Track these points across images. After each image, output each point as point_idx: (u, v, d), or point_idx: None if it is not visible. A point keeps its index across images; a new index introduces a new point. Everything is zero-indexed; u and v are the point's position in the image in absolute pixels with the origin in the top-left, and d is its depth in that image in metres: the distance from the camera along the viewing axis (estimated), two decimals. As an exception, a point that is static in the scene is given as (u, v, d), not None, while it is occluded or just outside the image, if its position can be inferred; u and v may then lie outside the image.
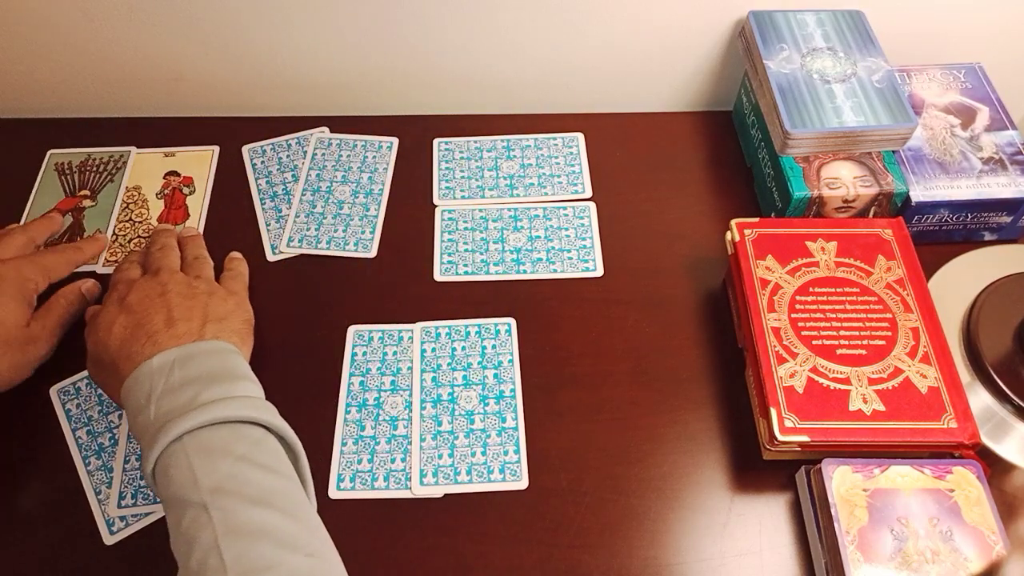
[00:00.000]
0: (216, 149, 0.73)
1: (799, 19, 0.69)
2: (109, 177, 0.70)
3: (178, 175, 0.71)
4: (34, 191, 0.69)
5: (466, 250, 0.66)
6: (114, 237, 0.67)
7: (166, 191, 0.70)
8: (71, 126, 0.75)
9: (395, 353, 0.59)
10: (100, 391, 0.57)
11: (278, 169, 0.71)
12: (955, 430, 0.49)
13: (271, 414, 0.44)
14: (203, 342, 0.48)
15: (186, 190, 0.70)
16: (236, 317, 0.54)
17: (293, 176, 0.71)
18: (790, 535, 0.52)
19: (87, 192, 0.69)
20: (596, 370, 0.59)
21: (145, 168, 0.71)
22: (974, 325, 0.56)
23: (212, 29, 0.70)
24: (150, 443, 0.42)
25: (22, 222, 0.67)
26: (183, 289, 0.52)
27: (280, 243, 0.66)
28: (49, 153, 0.72)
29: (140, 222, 0.68)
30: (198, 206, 0.69)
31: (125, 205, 0.69)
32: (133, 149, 0.72)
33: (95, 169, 0.71)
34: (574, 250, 0.66)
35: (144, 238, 0.67)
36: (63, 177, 0.70)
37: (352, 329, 0.61)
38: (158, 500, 0.52)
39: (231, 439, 0.42)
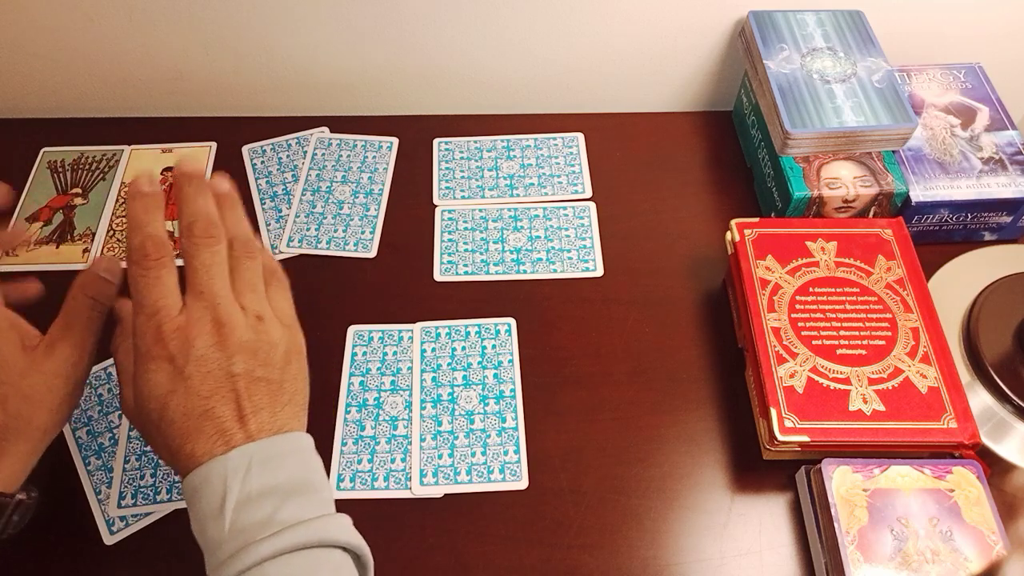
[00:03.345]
0: (213, 145, 0.73)
1: (799, 19, 0.69)
2: (101, 175, 0.70)
3: (176, 171, 0.71)
4: (26, 188, 0.69)
5: (466, 250, 0.66)
6: (110, 232, 0.67)
7: (163, 187, 0.70)
8: (70, 126, 0.75)
9: (395, 353, 0.59)
10: (100, 391, 0.57)
11: (278, 169, 0.71)
12: (955, 430, 0.49)
13: (349, 533, 0.40)
14: (279, 437, 0.41)
15: (185, 188, 0.70)
16: (302, 382, 0.44)
17: (293, 176, 0.71)
18: (790, 535, 0.52)
19: (79, 190, 0.69)
20: (596, 370, 0.59)
21: (142, 164, 0.71)
22: (974, 325, 0.56)
23: (212, 29, 0.70)
24: (223, 561, 0.37)
25: (13, 218, 0.67)
26: (250, 360, 0.41)
27: (280, 243, 0.66)
28: (42, 151, 0.72)
29: (137, 218, 0.68)
30: (198, 206, 0.69)
31: (122, 200, 0.69)
32: (126, 147, 0.72)
33: (87, 167, 0.71)
34: (574, 250, 0.66)
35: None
36: (55, 175, 0.70)
37: (352, 329, 0.61)
38: (160, 501, 0.52)
39: (315, 569, 0.38)
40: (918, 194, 0.62)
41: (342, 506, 0.53)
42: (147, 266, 0.41)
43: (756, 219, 0.60)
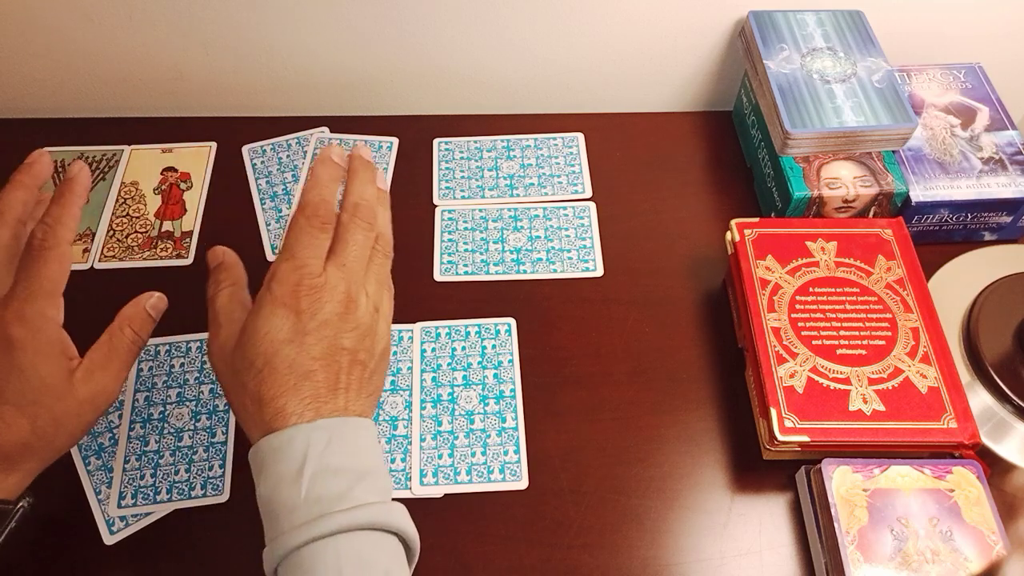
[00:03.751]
0: (213, 145, 0.73)
1: (799, 19, 0.69)
2: (101, 175, 0.70)
3: (175, 171, 0.71)
4: None
5: (466, 250, 0.66)
6: (110, 232, 0.67)
7: (163, 187, 0.70)
8: (70, 126, 0.75)
9: (395, 353, 0.59)
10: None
11: (278, 169, 0.71)
12: (955, 430, 0.49)
13: (408, 522, 0.41)
14: (358, 419, 0.42)
15: (183, 185, 0.70)
16: (383, 379, 0.46)
17: (293, 176, 0.71)
18: (790, 535, 0.52)
19: None
20: (596, 370, 0.59)
21: (142, 164, 0.71)
22: (974, 325, 0.56)
23: (212, 29, 0.70)
24: (297, 525, 0.38)
25: None
26: (359, 341, 0.43)
27: (280, 242, 0.66)
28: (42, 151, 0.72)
29: (137, 217, 0.68)
30: (195, 202, 0.69)
31: (122, 200, 0.69)
32: (126, 147, 0.72)
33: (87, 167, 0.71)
34: (574, 250, 0.66)
35: (141, 234, 0.66)
36: (55, 175, 0.70)
37: (352, 329, 0.61)
38: (160, 501, 0.52)
39: (379, 550, 0.39)
40: (918, 194, 0.62)
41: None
42: (315, 224, 0.44)
43: (756, 219, 0.60)
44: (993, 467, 0.51)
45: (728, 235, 0.60)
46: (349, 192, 0.46)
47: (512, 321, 0.61)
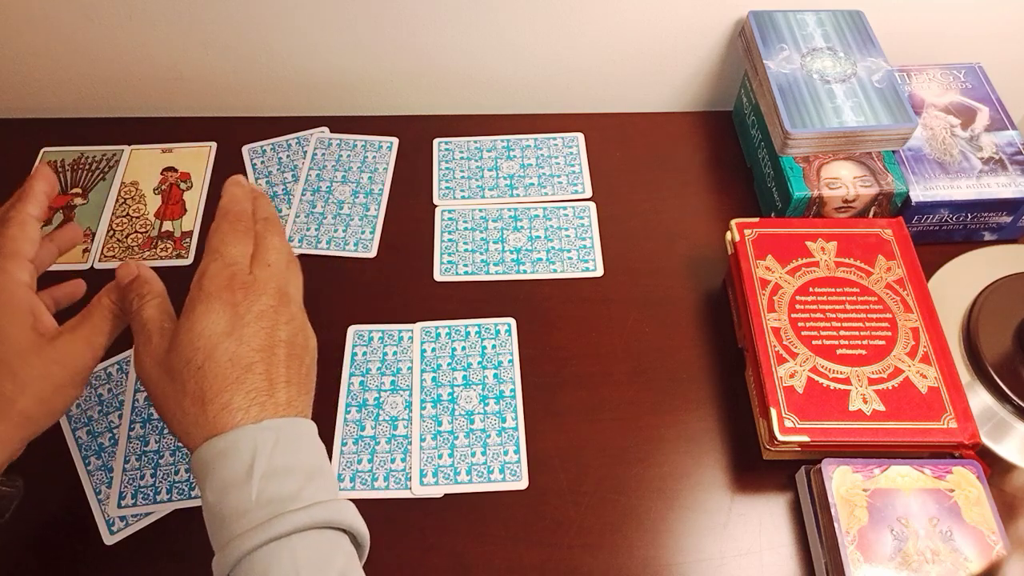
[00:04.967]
0: (213, 145, 0.73)
1: (799, 19, 0.69)
2: (101, 175, 0.70)
3: (175, 171, 0.71)
4: None
5: (466, 250, 0.66)
6: (111, 232, 0.67)
7: (163, 187, 0.70)
8: (70, 126, 0.75)
9: (395, 353, 0.59)
10: (100, 391, 0.57)
11: (278, 169, 0.71)
12: (955, 430, 0.49)
13: (359, 519, 0.41)
14: (302, 421, 0.42)
15: (183, 185, 0.70)
16: (314, 378, 0.46)
17: (293, 176, 0.71)
18: (790, 535, 0.52)
19: (79, 190, 0.69)
20: (596, 370, 0.59)
21: (142, 164, 0.71)
22: (974, 325, 0.56)
23: (212, 29, 0.70)
24: (249, 529, 0.37)
25: None
26: (293, 335, 0.44)
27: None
28: (42, 151, 0.72)
29: (137, 217, 0.68)
30: (195, 202, 0.69)
31: (122, 200, 0.69)
32: (126, 147, 0.72)
33: (87, 167, 0.71)
34: (574, 250, 0.66)
35: (141, 234, 0.66)
36: (55, 175, 0.70)
37: (352, 329, 0.61)
38: (160, 501, 0.52)
39: (334, 549, 0.39)
40: (918, 194, 0.62)
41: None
42: (239, 228, 0.45)
43: (756, 219, 0.60)
44: (993, 467, 0.51)
45: (728, 235, 0.60)
46: (259, 208, 0.48)
47: (512, 321, 0.61)
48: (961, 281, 0.60)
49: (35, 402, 0.42)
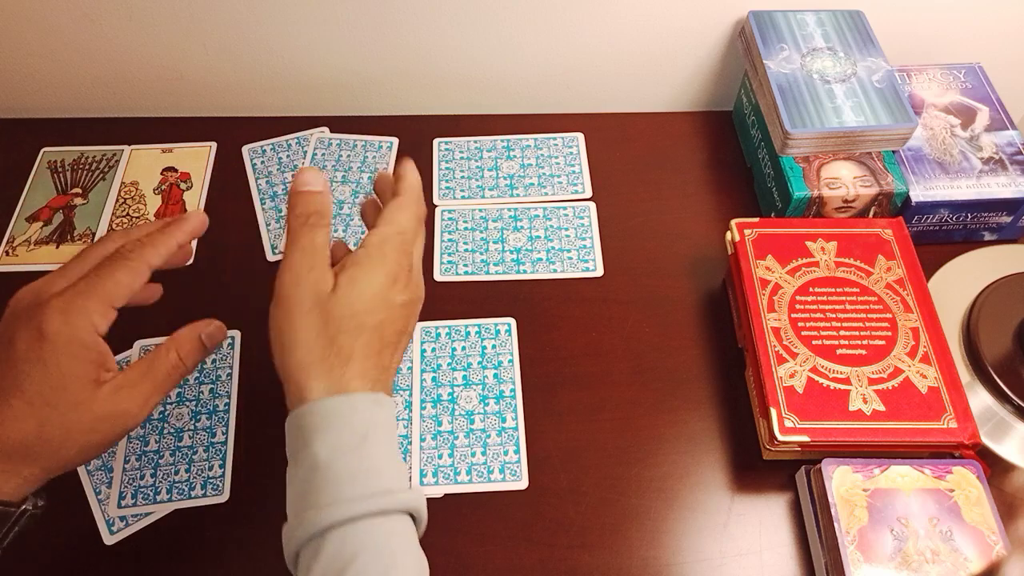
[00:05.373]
0: (213, 145, 0.73)
1: (799, 19, 0.69)
2: (101, 175, 0.70)
3: (175, 171, 0.71)
4: (26, 188, 0.69)
5: (466, 250, 0.66)
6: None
7: (163, 186, 0.70)
8: (70, 126, 0.75)
9: (395, 353, 0.59)
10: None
11: (278, 169, 0.71)
12: (955, 430, 0.49)
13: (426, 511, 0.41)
14: (392, 400, 0.42)
15: (183, 185, 0.70)
16: None
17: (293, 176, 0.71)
18: (790, 535, 0.52)
19: (79, 190, 0.69)
20: (596, 370, 0.59)
21: (142, 164, 0.71)
22: (974, 325, 0.56)
23: (212, 29, 0.70)
24: (358, 496, 0.37)
25: (12, 218, 0.67)
26: (408, 336, 0.44)
27: (280, 243, 0.66)
28: (42, 151, 0.72)
29: (137, 217, 0.68)
30: (195, 202, 0.69)
31: (123, 200, 0.69)
32: (126, 147, 0.72)
33: (87, 167, 0.71)
34: (574, 250, 0.66)
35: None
36: (55, 175, 0.70)
37: (352, 329, 0.61)
38: (160, 501, 0.52)
39: (415, 537, 0.39)
40: (918, 194, 0.62)
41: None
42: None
43: (756, 219, 0.60)
44: (993, 467, 0.51)
45: (728, 235, 0.60)
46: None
47: (512, 321, 0.61)
48: (961, 281, 0.60)
49: (77, 453, 0.41)
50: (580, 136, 0.74)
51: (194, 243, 0.66)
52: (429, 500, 0.52)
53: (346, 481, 0.37)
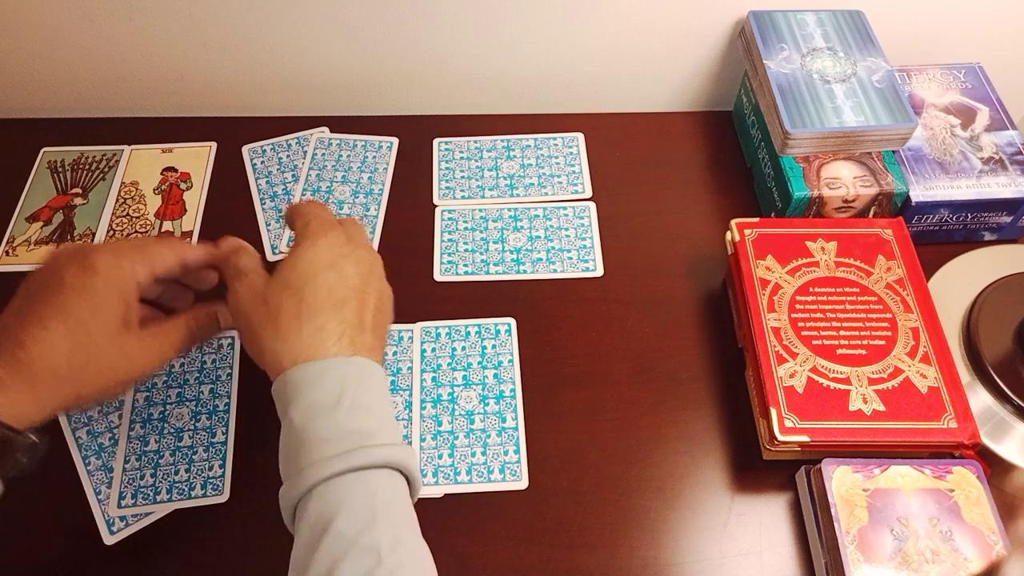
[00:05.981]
0: (213, 145, 0.73)
1: (799, 19, 0.69)
2: (101, 175, 0.70)
3: (175, 171, 0.71)
4: (26, 188, 0.69)
5: (466, 250, 0.66)
6: (111, 232, 0.67)
7: (163, 186, 0.70)
8: (70, 126, 0.75)
9: (395, 353, 0.59)
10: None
11: (278, 169, 0.71)
12: (955, 430, 0.49)
13: (416, 468, 0.42)
14: (381, 369, 0.44)
15: (183, 185, 0.70)
16: (387, 335, 0.48)
17: (293, 176, 0.71)
18: (790, 535, 0.52)
19: (79, 190, 0.69)
20: (596, 370, 0.59)
21: (142, 164, 0.71)
22: (974, 325, 0.56)
23: (212, 29, 0.70)
24: (329, 455, 0.38)
25: (12, 218, 0.67)
26: (383, 293, 0.47)
27: (280, 243, 0.66)
28: (42, 151, 0.72)
29: (137, 217, 0.68)
30: (195, 202, 0.69)
31: (122, 200, 0.69)
32: (126, 147, 0.72)
33: (87, 167, 0.71)
34: (574, 250, 0.66)
35: (141, 234, 0.67)
36: (55, 175, 0.70)
37: (352, 329, 0.61)
38: (160, 501, 0.52)
39: (401, 491, 0.40)
40: (918, 194, 0.62)
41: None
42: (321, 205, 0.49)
43: (756, 219, 0.60)
44: (993, 467, 0.51)
45: (728, 235, 0.60)
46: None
47: (512, 321, 0.61)
48: (961, 281, 0.60)
49: (94, 387, 0.43)
50: (580, 136, 0.74)
51: (194, 242, 0.66)
52: (429, 500, 0.53)
53: (321, 442, 0.39)
